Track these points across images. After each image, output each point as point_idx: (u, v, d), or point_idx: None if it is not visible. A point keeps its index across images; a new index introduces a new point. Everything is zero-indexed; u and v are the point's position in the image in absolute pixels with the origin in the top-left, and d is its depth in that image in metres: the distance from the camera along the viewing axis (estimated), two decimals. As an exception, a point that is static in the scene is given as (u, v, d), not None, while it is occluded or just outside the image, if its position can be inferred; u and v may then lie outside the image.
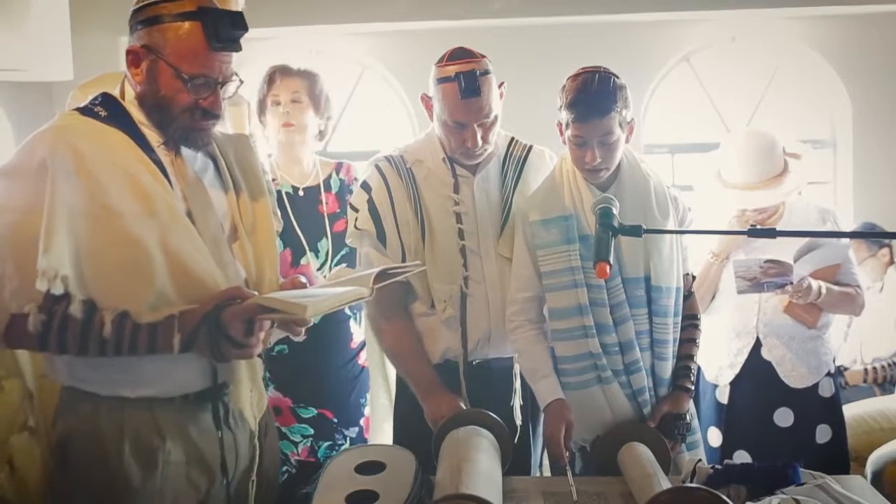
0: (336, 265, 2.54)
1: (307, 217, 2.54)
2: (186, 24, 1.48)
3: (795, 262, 2.29)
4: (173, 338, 1.44)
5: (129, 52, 1.52)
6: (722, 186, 2.43)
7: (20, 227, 1.42)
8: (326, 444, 2.57)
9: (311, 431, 2.56)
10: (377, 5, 4.51)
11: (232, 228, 1.63)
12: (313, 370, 2.53)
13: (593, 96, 1.89)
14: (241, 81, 1.60)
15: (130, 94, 1.56)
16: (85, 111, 1.54)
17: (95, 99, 1.57)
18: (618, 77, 1.94)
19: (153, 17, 1.49)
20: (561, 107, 1.94)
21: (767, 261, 2.26)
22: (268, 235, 1.69)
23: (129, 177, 1.47)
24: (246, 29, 1.53)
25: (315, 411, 2.55)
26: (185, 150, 1.58)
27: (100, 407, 1.51)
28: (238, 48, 1.54)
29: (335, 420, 2.56)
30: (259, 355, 1.60)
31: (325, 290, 1.59)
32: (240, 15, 1.52)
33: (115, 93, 1.58)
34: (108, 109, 1.54)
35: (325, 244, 2.54)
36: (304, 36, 4.71)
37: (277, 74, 2.54)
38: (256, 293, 1.52)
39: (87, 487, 1.51)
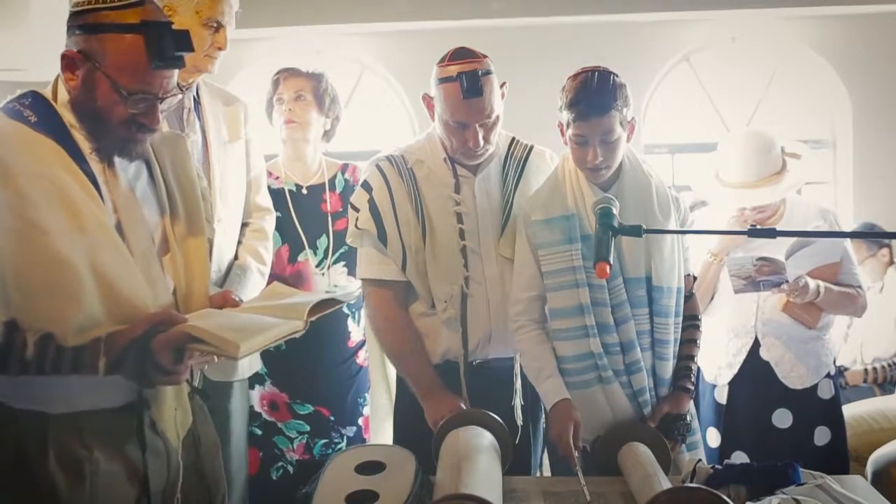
0: (335, 263, 2.57)
1: (309, 215, 2.57)
2: (128, 38, 1.40)
3: (787, 259, 2.29)
4: (98, 361, 1.38)
5: (64, 57, 1.43)
6: (720, 186, 2.43)
7: None
8: (322, 441, 2.58)
9: (308, 428, 2.57)
10: (377, 5, 4.52)
11: (163, 239, 1.57)
12: (309, 367, 2.54)
13: (593, 95, 1.89)
14: (182, 94, 1.52)
15: (64, 96, 1.47)
16: (13, 114, 1.44)
17: (24, 98, 1.47)
18: (618, 76, 1.94)
19: (94, 25, 1.41)
20: (561, 107, 1.94)
21: (760, 258, 2.26)
22: (199, 245, 1.62)
23: (59, 191, 1.39)
24: (191, 49, 1.45)
25: (311, 408, 2.57)
26: (117, 159, 1.51)
27: (21, 418, 1.45)
28: (181, 65, 1.46)
29: (332, 418, 2.57)
30: (187, 380, 1.56)
31: (257, 317, 1.52)
32: (185, 34, 1.44)
33: (47, 92, 1.49)
34: (37, 113, 1.44)
35: (325, 241, 2.56)
36: (303, 36, 4.72)
37: (283, 74, 2.59)
38: (187, 318, 1.46)
39: (14, 495, 1.45)
